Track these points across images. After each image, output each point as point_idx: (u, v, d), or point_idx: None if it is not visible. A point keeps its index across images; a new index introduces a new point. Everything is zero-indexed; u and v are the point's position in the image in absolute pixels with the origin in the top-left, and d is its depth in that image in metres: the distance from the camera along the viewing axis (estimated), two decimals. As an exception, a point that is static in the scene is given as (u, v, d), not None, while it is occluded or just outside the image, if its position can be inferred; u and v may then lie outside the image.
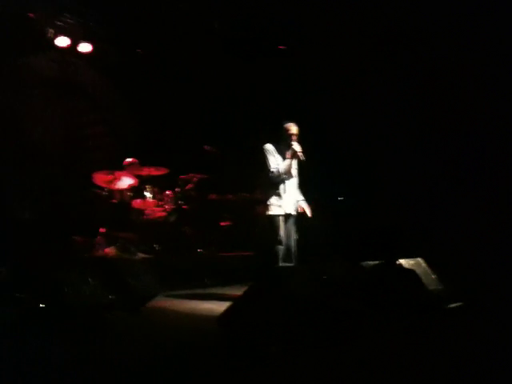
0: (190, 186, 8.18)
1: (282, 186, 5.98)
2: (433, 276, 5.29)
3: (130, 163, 7.96)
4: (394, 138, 7.44)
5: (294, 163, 6.05)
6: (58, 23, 7.61)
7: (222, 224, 8.26)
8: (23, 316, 4.41)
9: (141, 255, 7.19)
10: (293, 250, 5.98)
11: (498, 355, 3.57)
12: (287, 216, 5.98)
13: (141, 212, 7.82)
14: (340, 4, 7.08)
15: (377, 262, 5.27)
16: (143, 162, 7.99)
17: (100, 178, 7.71)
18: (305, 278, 4.93)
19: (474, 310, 4.77)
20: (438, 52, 7.08)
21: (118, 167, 7.88)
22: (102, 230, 7.36)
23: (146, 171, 7.96)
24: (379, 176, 7.64)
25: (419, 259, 5.44)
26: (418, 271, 5.23)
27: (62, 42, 7.80)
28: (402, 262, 5.32)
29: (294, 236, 6.02)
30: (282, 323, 4.03)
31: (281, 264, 5.82)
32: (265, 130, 6.73)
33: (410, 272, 5.16)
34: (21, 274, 4.81)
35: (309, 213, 6.12)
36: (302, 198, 6.17)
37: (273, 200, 5.96)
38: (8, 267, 4.86)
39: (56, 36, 7.72)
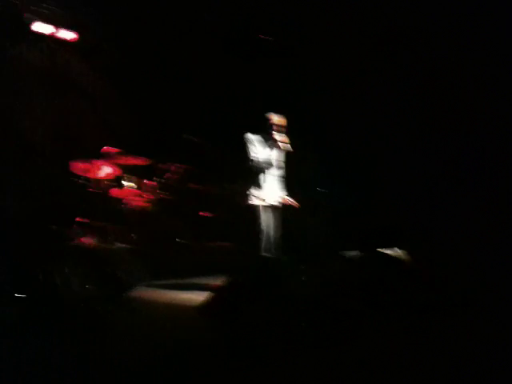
0: (170, 175, 8.05)
1: (262, 176, 5.96)
2: (410, 265, 5.34)
3: (110, 152, 7.79)
4: (394, 138, 7.44)
5: (278, 155, 6.02)
6: (42, 10, 7.45)
7: (203, 214, 8.14)
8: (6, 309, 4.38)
9: (119, 245, 7.10)
10: (275, 241, 5.95)
11: (498, 355, 3.57)
12: (267, 206, 5.95)
13: (119, 201, 7.69)
14: (340, 4, 7.08)
15: (356, 251, 5.32)
16: (125, 151, 7.82)
17: (77, 167, 7.54)
18: (285, 268, 4.97)
19: (474, 309, 4.76)
20: (438, 52, 7.08)
21: (99, 155, 7.71)
22: (81, 219, 7.21)
23: (126, 160, 7.80)
24: (379, 176, 7.63)
25: (397, 249, 5.47)
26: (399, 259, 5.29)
27: (45, 29, 7.60)
28: (384, 251, 5.36)
29: (276, 227, 6.00)
30: (263, 313, 4.05)
31: (262, 254, 5.81)
32: (249, 120, 6.67)
33: (392, 259, 5.21)
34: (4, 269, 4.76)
35: (294, 204, 6.10)
36: (284, 192, 6.13)
37: (253, 190, 5.95)
38: None
39: (39, 23, 7.51)
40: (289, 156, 6.04)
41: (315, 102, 7.89)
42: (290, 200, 6.08)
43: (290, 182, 6.29)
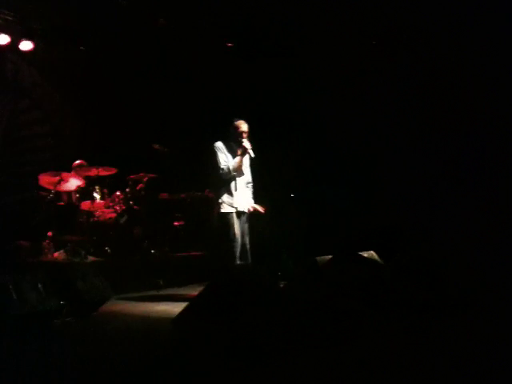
0: (140, 185, 7.92)
1: (232, 184, 5.98)
2: (387, 268, 5.35)
3: (79, 165, 7.74)
4: (394, 138, 7.44)
5: (245, 161, 6.05)
6: None
7: (175, 224, 8.09)
8: None
9: (91, 258, 7.00)
10: (247, 247, 5.97)
11: (498, 355, 3.57)
12: (239, 213, 5.97)
13: (90, 214, 7.57)
14: (340, 4, 7.08)
15: (333, 255, 5.32)
16: (91, 162, 7.76)
17: (45, 180, 7.44)
18: (261, 275, 4.95)
19: (474, 309, 4.77)
20: (438, 52, 7.08)
21: (64, 168, 7.62)
22: (49, 233, 7.10)
23: (95, 172, 7.70)
24: (379, 176, 7.64)
25: (372, 252, 5.48)
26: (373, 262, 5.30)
27: (2, 39, 7.50)
28: (357, 254, 5.37)
29: (246, 234, 6.01)
30: (242, 322, 4.03)
31: (236, 262, 5.81)
32: (215, 127, 6.67)
33: (367, 262, 5.21)
34: None
35: (261, 210, 6.11)
36: (251, 197, 6.14)
37: (224, 198, 5.96)
38: None
39: None
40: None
41: (315, 102, 7.89)
42: (257, 207, 6.08)
43: (263, 188, 6.31)
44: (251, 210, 6.06)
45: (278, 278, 6.07)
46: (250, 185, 6.16)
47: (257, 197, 6.21)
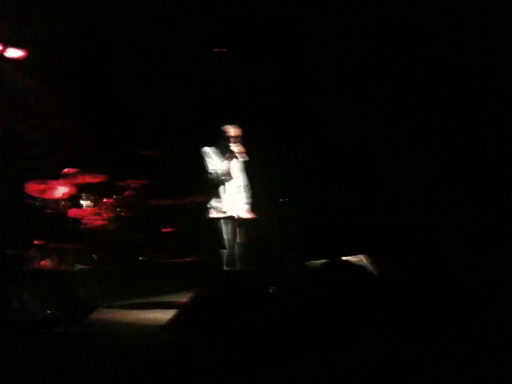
0: (128, 192, 7.92)
1: (221, 188, 5.96)
2: (375, 272, 5.34)
3: (68, 172, 7.68)
4: (394, 138, 7.44)
5: (236, 165, 6.03)
6: None
7: (164, 230, 8.06)
8: None
9: (79, 266, 6.98)
10: (237, 253, 5.93)
11: (498, 355, 3.56)
12: (229, 218, 5.94)
13: (78, 221, 7.53)
14: (340, 4, 7.07)
15: (322, 260, 5.32)
16: (80, 169, 7.73)
17: (32, 188, 7.42)
18: (251, 281, 4.94)
19: (474, 309, 4.76)
20: (438, 52, 7.08)
21: (54, 176, 7.60)
22: (36, 241, 7.08)
23: (83, 179, 7.69)
24: (379, 176, 7.63)
25: (361, 256, 5.48)
26: (364, 267, 5.29)
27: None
28: (346, 259, 5.36)
29: (239, 239, 5.98)
30: (232, 328, 4.02)
31: (225, 268, 5.78)
32: (204, 132, 6.67)
33: (357, 268, 5.20)
34: None
35: (249, 216, 6.06)
36: (246, 201, 6.11)
37: (213, 203, 5.94)
38: None
39: None
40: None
41: (315, 102, 7.89)
42: (248, 211, 6.06)
43: (262, 189, 6.30)
44: (238, 216, 6.00)
45: (269, 283, 6.04)
46: (244, 189, 6.13)
47: (255, 199, 6.19)
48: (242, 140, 6.06)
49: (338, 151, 7.87)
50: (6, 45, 7.57)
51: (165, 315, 4.77)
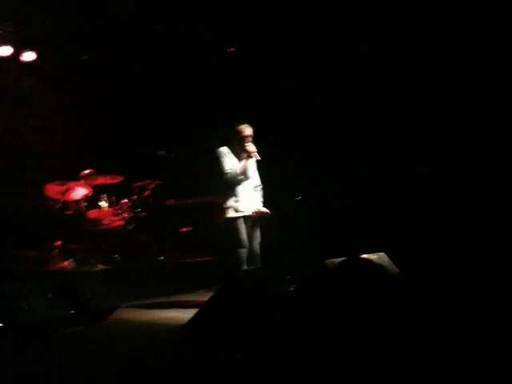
0: (146, 192, 8.00)
1: (238, 188, 5.97)
2: (397, 269, 5.33)
3: (87, 174, 7.78)
4: (394, 138, 7.44)
5: (251, 164, 6.05)
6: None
7: (182, 230, 8.12)
8: None
9: (100, 266, 7.03)
10: (256, 252, 5.94)
11: (498, 355, 3.56)
12: (246, 218, 5.95)
13: (98, 222, 7.63)
14: (340, 4, 7.07)
15: (341, 258, 5.31)
16: (97, 170, 7.82)
17: (52, 190, 7.52)
18: (270, 279, 4.93)
19: (474, 309, 4.76)
20: (438, 52, 7.08)
21: (70, 176, 7.69)
22: (57, 242, 7.17)
23: (102, 180, 7.78)
24: (379, 176, 7.63)
25: (382, 253, 5.46)
26: (383, 265, 5.27)
27: (5, 51, 7.57)
28: (365, 257, 5.34)
29: (257, 238, 6.00)
30: (254, 327, 4.01)
31: (245, 267, 5.79)
32: (218, 132, 6.69)
33: (376, 266, 5.19)
34: None
35: (266, 211, 6.08)
36: (260, 200, 6.13)
37: (231, 202, 5.95)
38: None
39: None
40: (266, 163, 6.11)
41: (315, 102, 7.89)
42: (264, 210, 6.07)
43: (268, 190, 6.31)
44: (257, 212, 6.02)
45: (287, 282, 6.02)
46: (258, 188, 6.16)
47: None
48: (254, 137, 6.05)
49: (338, 151, 7.87)
50: (18, 48, 7.67)
51: (184, 314, 4.79)
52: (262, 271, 5.74)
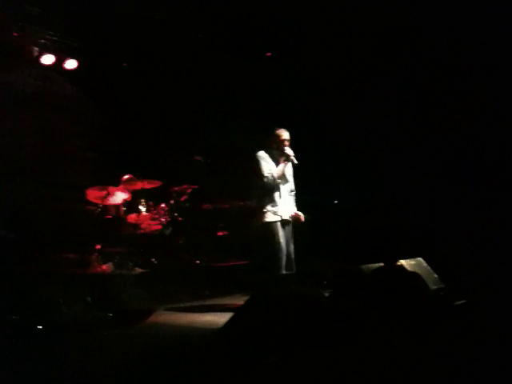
0: (184, 197, 8.09)
1: (277, 193, 5.98)
2: (434, 275, 5.31)
3: (127, 179, 7.89)
4: (394, 138, 7.44)
5: (288, 169, 6.06)
6: (42, 41, 7.59)
7: (219, 234, 8.20)
8: (16, 337, 4.24)
9: (138, 270, 7.12)
10: (292, 257, 5.95)
11: (499, 355, 3.56)
12: (284, 222, 5.95)
13: (136, 226, 7.73)
14: (340, 4, 7.07)
15: (377, 264, 5.28)
16: (136, 175, 7.93)
17: (93, 194, 7.65)
18: (307, 283, 4.91)
19: (475, 309, 4.76)
20: (438, 52, 7.08)
21: (109, 181, 7.79)
22: (97, 246, 7.26)
23: (140, 185, 7.89)
24: (379, 176, 7.64)
25: (420, 259, 5.44)
26: (420, 271, 5.24)
27: (47, 59, 7.79)
28: (403, 262, 5.32)
29: (292, 243, 6.00)
30: (285, 331, 4.00)
31: (283, 272, 5.78)
32: (255, 136, 6.72)
33: (412, 274, 5.16)
34: (12, 294, 4.66)
35: (301, 218, 6.08)
36: (294, 204, 6.14)
37: (269, 207, 5.95)
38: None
39: (41, 54, 7.72)
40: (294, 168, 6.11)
41: (315, 102, 7.89)
42: (301, 214, 6.07)
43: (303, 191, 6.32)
44: (294, 216, 6.01)
45: (322, 287, 5.98)
46: (293, 193, 6.17)
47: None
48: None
49: (338, 151, 7.87)
50: (60, 56, 7.89)
51: (220, 318, 4.79)
52: (298, 276, 5.73)
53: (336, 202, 8.19)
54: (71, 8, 7.00)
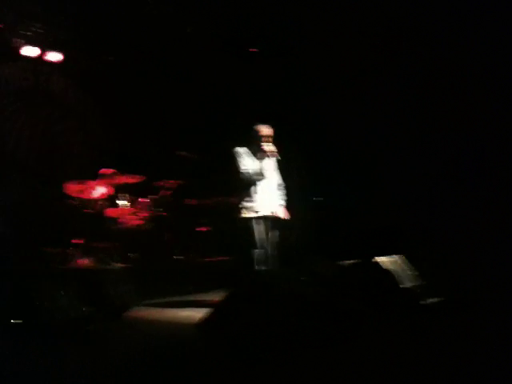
0: (168, 192, 8.06)
1: (253, 188, 5.93)
2: (410, 273, 5.32)
3: (108, 173, 7.79)
4: (394, 138, 7.45)
5: (269, 164, 6.03)
6: (27, 33, 7.54)
7: (200, 229, 8.16)
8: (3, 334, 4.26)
9: (118, 265, 7.08)
10: (273, 253, 5.92)
11: (498, 355, 3.57)
12: (261, 218, 5.91)
13: (116, 221, 7.68)
14: (340, 4, 7.08)
15: (354, 260, 5.30)
16: (118, 169, 7.85)
17: (71, 188, 7.56)
18: (282, 280, 4.93)
19: (475, 309, 4.77)
20: (438, 52, 7.08)
21: (92, 176, 7.73)
22: (76, 240, 7.22)
23: (123, 179, 7.81)
24: (379, 176, 7.64)
25: (397, 257, 5.45)
26: (395, 269, 5.25)
27: (31, 51, 7.74)
28: (380, 259, 5.33)
29: (272, 239, 5.96)
30: (264, 327, 4.01)
31: (256, 268, 5.76)
32: (238, 133, 6.70)
33: (383, 271, 5.18)
34: None
35: (284, 215, 6.03)
36: (280, 200, 6.08)
37: (245, 202, 5.94)
38: None
39: (24, 46, 7.67)
40: (282, 164, 6.09)
41: (315, 102, 7.89)
42: (281, 214, 6.04)
43: (286, 191, 6.30)
44: (274, 213, 5.97)
45: (300, 283, 5.99)
46: (278, 187, 6.11)
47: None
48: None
49: (338, 151, 7.87)
50: (45, 49, 7.85)
51: (200, 313, 4.79)
52: (275, 272, 5.73)
53: (318, 199, 8.11)
54: (71, 8, 7.00)
